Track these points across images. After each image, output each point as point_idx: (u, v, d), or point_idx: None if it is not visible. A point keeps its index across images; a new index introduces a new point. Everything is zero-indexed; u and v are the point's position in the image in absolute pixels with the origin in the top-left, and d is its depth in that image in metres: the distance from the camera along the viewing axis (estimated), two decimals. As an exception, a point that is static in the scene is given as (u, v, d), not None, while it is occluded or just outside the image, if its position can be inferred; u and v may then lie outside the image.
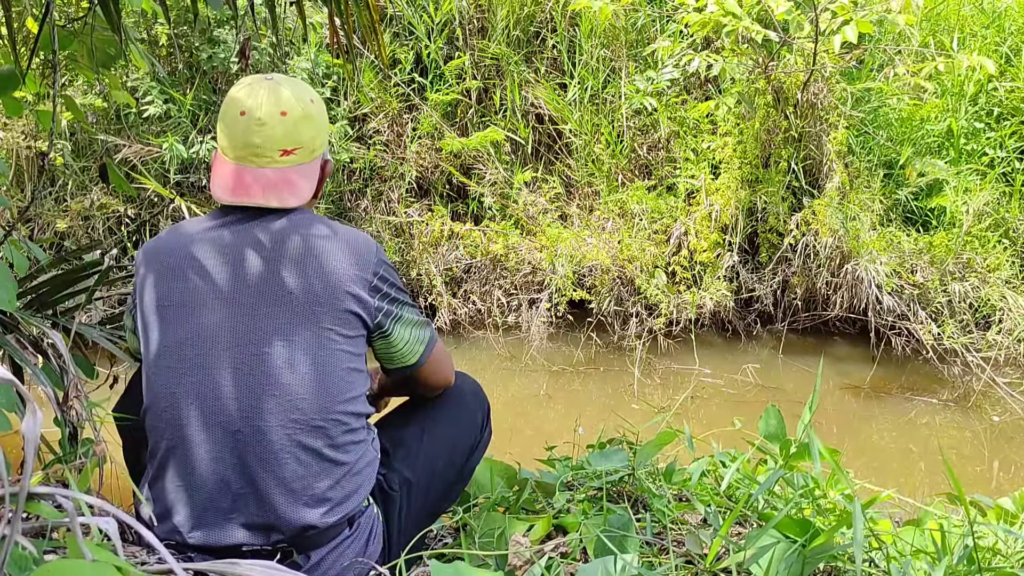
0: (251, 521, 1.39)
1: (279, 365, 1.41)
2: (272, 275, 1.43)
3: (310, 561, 1.42)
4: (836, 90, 5.32)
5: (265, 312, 1.42)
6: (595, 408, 4.55)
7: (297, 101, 1.54)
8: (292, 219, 1.52)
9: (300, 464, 1.39)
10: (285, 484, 1.39)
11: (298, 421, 1.40)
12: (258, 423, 1.39)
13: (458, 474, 1.73)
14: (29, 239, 4.30)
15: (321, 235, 1.50)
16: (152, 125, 5.70)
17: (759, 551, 1.26)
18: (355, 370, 1.50)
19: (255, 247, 1.46)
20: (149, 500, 1.45)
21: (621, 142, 5.86)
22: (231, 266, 1.46)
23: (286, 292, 1.42)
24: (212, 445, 1.40)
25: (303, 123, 1.54)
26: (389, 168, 5.87)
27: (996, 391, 4.69)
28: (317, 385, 1.42)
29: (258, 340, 1.41)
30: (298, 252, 1.47)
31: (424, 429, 1.70)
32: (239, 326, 1.42)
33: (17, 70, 2.15)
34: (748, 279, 5.53)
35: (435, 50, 5.99)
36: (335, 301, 1.45)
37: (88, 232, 5.66)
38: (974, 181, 5.39)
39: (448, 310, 5.56)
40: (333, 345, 1.45)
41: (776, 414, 1.90)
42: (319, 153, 1.61)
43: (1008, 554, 1.48)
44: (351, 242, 1.52)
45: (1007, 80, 5.66)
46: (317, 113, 1.58)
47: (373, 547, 1.49)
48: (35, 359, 2.07)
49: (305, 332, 1.43)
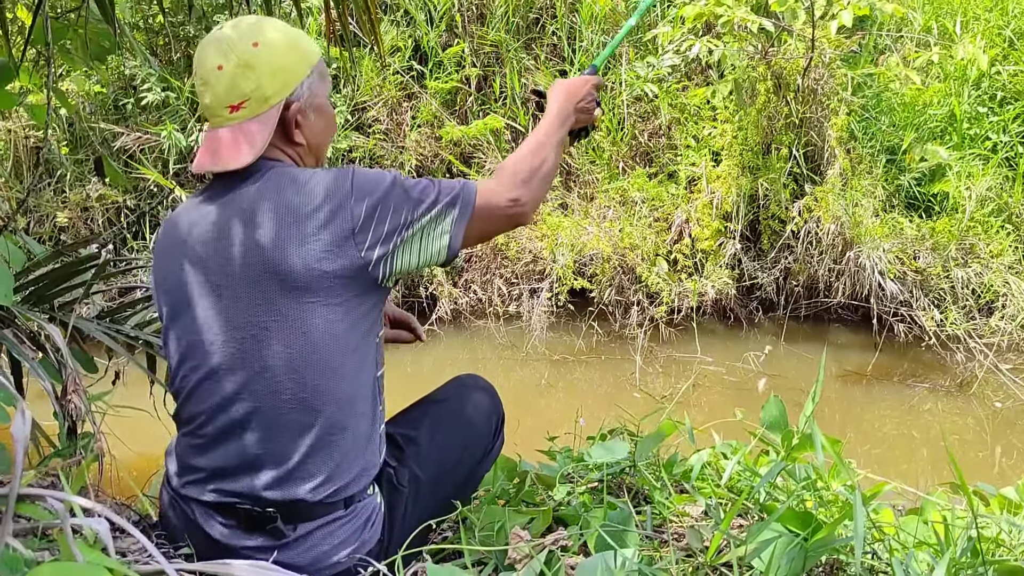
0: (246, 489, 1.42)
1: (263, 344, 1.39)
2: (247, 252, 1.39)
3: (296, 533, 1.41)
4: (837, 76, 5.29)
5: (246, 293, 1.39)
6: (596, 397, 4.54)
7: (232, 51, 1.41)
8: (266, 180, 1.42)
9: (291, 440, 1.39)
10: (276, 459, 1.40)
11: (286, 399, 1.39)
12: (252, 402, 1.40)
13: (467, 477, 1.69)
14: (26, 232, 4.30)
15: (287, 198, 1.39)
16: (151, 114, 5.68)
17: (760, 545, 1.25)
18: (343, 342, 1.41)
19: (229, 223, 1.42)
20: (171, 454, 1.54)
21: (621, 129, 5.83)
22: (212, 246, 1.43)
23: (260, 269, 1.38)
24: (214, 419, 1.44)
25: (242, 73, 1.41)
26: (388, 157, 5.85)
27: (998, 377, 4.68)
28: (302, 363, 1.38)
29: (243, 324, 1.40)
30: (267, 222, 1.38)
31: (437, 429, 1.66)
32: (226, 309, 1.42)
33: (10, 63, 2.13)
34: (750, 267, 5.51)
35: (434, 37, 5.95)
36: (308, 271, 1.36)
37: (87, 223, 5.65)
38: (977, 166, 5.36)
39: (449, 300, 5.54)
40: (315, 318, 1.38)
41: (778, 404, 1.89)
42: (276, 99, 1.44)
43: (1012, 546, 1.47)
44: (314, 189, 1.39)
45: (1010, 64, 5.62)
46: (261, 58, 1.42)
47: (369, 534, 1.46)
48: (33, 353, 2.06)
49: (284, 307, 1.38)
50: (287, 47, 1.45)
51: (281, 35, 1.45)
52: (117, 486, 2.29)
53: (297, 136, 1.49)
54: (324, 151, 1.59)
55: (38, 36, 2.12)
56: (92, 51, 2.37)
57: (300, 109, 1.47)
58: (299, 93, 1.46)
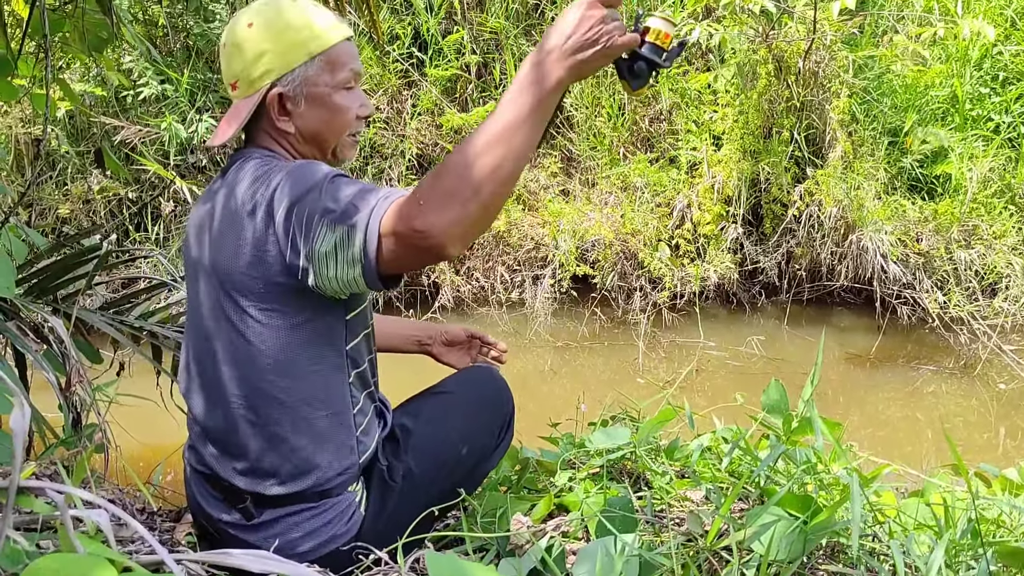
0: (222, 471, 1.46)
1: (213, 341, 1.41)
2: (204, 246, 1.40)
3: (262, 517, 1.43)
4: (838, 58, 5.26)
5: (204, 287, 1.41)
6: (600, 383, 4.55)
7: (233, 30, 1.41)
8: (237, 170, 1.39)
9: (248, 436, 1.41)
10: (241, 450, 1.42)
11: (235, 395, 1.40)
12: (214, 396, 1.43)
13: (467, 475, 1.61)
14: (29, 224, 4.30)
15: (237, 194, 1.33)
16: (150, 106, 5.67)
17: (760, 529, 1.26)
18: (286, 346, 1.36)
19: (202, 215, 1.43)
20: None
21: (622, 115, 5.81)
22: (194, 235, 1.46)
23: (210, 266, 1.38)
24: (194, 405, 1.49)
25: (233, 53, 1.41)
26: (389, 145, 5.84)
27: (1002, 358, 4.68)
28: (245, 363, 1.38)
29: (203, 316, 1.42)
30: (217, 219, 1.36)
31: (436, 422, 1.61)
32: (195, 300, 1.45)
33: (9, 55, 2.13)
34: (752, 251, 5.51)
35: (434, 25, 5.93)
36: (240, 273, 1.32)
37: (89, 216, 5.66)
38: (979, 147, 5.34)
39: (451, 287, 5.55)
40: (252, 320, 1.34)
41: (779, 388, 1.89)
42: (262, 83, 1.39)
43: (1012, 527, 1.48)
44: (257, 188, 1.31)
45: (1012, 44, 5.58)
46: (251, 40, 1.38)
47: (341, 528, 1.46)
48: (37, 345, 2.07)
49: (226, 306, 1.36)
50: (280, 31, 1.38)
51: (278, 17, 1.39)
52: (122, 476, 2.30)
53: (282, 124, 1.43)
54: (329, 144, 1.49)
55: (35, 28, 2.11)
56: (90, 42, 2.36)
57: (288, 96, 1.41)
58: (289, 79, 1.40)
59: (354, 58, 1.46)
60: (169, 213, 5.63)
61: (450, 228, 1.10)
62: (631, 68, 1.21)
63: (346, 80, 1.44)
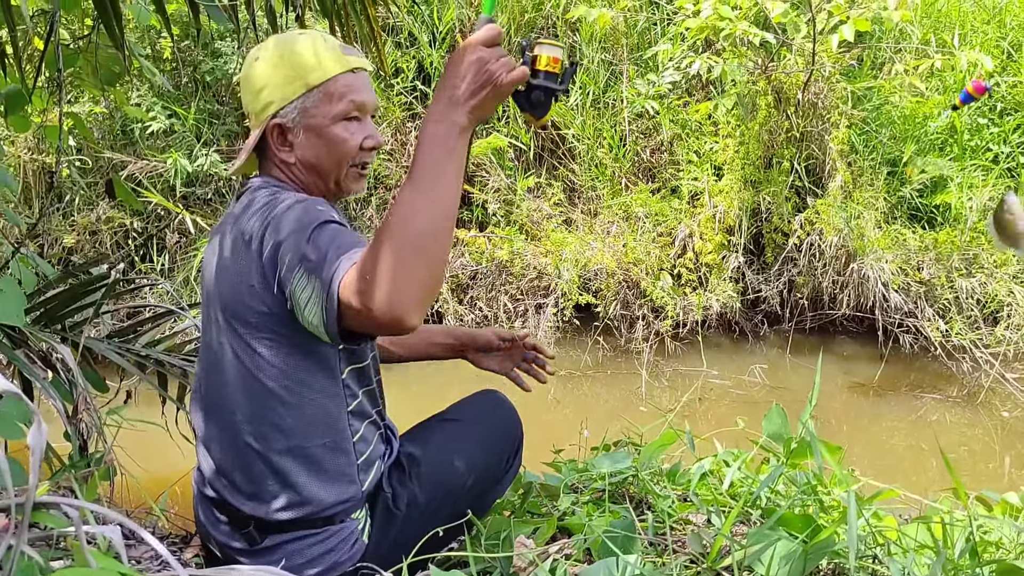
0: (228, 495, 1.47)
1: (217, 367, 1.44)
2: (212, 273, 1.44)
3: (265, 542, 1.45)
4: (837, 89, 5.33)
5: (212, 313, 1.44)
6: (603, 411, 4.55)
7: (246, 63, 1.46)
8: (244, 199, 1.43)
9: (251, 461, 1.43)
10: (244, 476, 1.44)
11: (239, 420, 1.42)
12: (220, 421, 1.46)
13: (474, 502, 1.61)
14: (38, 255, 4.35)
15: (240, 225, 1.37)
16: (157, 140, 5.74)
17: (761, 549, 1.27)
18: (282, 376, 1.38)
19: (215, 242, 1.46)
20: None
21: (624, 146, 5.87)
22: (208, 260, 1.49)
23: (215, 293, 1.42)
24: (202, 429, 1.52)
25: (244, 87, 1.48)
26: (393, 177, 5.90)
27: (1005, 387, 4.68)
28: (243, 391, 1.41)
29: (208, 343, 1.46)
30: (223, 247, 1.40)
31: (442, 449, 1.60)
32: (205, 324, 1.48)
33: (24, 89, 2.18)
34: (754, 280, 5.53)
35: (437, 58, 6.02)
36: (237, 303, 1.36)
37: (95, 246, 5.71)
38: (978, 177, 5.38)
39: (455, 316, 5.57)
40: (248, 349, 1.37)
41: (780, 413, 1.90)
42: (265, 115, 1.44)
43: (1011, 548, 1.48)
44: (254, 222, 1.34)
45: (1009, 75, 5.65)
46: (254, 75, 1.45)
47: (344, 556, 1.47)
48: (44, 373, 2.09)
49: (227, 333, 1.40)
50: (278, 65, 1.42)
51: (284, 51, 1.43)
52: (129, 501, 2.31)
53: (283, 154, 1.46)
54: (329, 174, 1.48)
55: (49, 62, 2.17)
56: (103, 75, 2.42)
57: (287, 127, 1.44)
58: (287, 111, 1.43)
59: (356, 90, 1.46)
60: (174, 244, 5.68)
61: (404, 302, 1.08)
62: (529, 99, 1.21)
63: (345, 111, 1.45)
